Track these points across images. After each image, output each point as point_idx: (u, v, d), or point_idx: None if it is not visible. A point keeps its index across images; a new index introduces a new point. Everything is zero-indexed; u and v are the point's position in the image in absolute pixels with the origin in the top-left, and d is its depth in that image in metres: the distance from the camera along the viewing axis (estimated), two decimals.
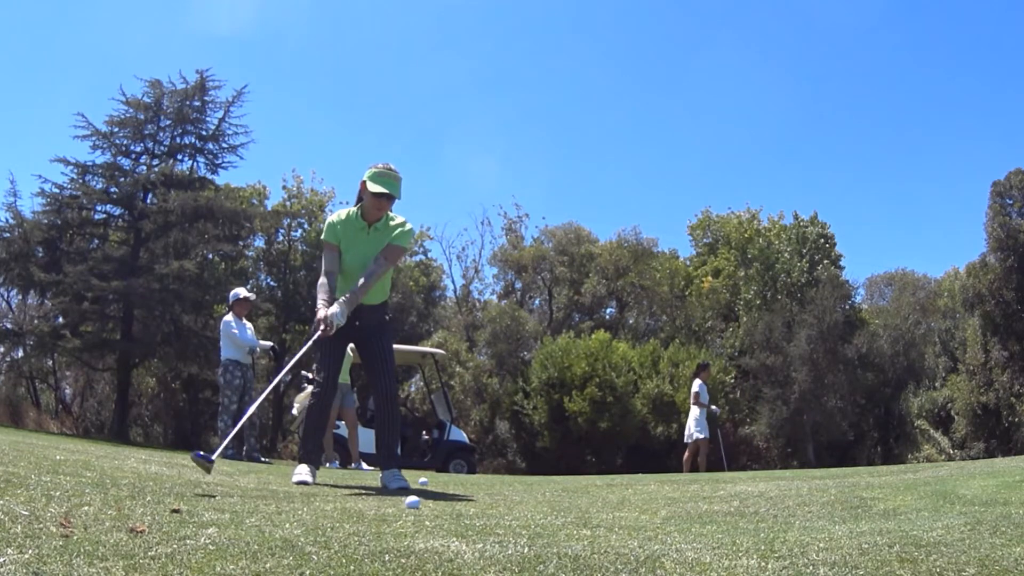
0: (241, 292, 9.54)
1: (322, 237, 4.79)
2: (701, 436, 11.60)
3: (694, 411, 11.73)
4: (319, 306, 4.49)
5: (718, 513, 3.29)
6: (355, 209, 4.72)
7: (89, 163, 18.62)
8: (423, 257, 29.35)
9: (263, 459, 9.19)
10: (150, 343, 18.28)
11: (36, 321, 20.00)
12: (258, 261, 24.71)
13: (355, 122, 54.85)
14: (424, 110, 54.67)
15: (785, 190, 54.56)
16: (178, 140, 19.73)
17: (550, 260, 28.22)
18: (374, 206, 4.61)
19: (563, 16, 56.87)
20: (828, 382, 21.60)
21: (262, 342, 9.83)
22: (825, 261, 24.26)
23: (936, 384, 25.33)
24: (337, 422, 11.99)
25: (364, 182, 4.62)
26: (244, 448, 9.06)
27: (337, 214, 4.77)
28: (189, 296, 17.76)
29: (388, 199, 4.63)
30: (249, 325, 9.46)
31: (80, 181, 18.56)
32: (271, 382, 5.39)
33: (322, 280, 4.65)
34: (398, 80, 54.44)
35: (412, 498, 3.31)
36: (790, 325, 22.59)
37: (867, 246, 52.68)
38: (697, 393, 11.71)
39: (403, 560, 1.95)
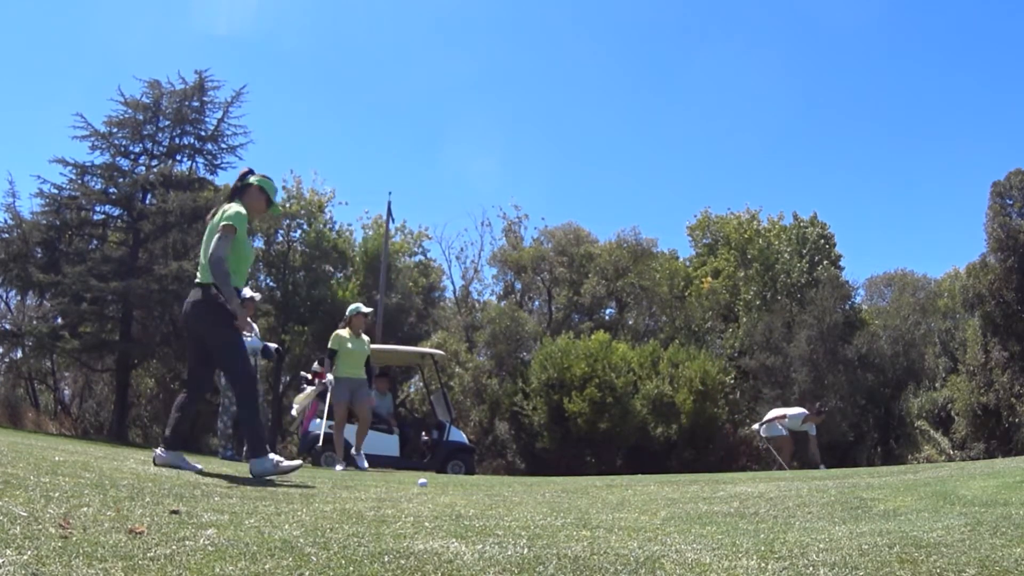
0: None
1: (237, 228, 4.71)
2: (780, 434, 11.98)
3: (777, 416, 12.19)
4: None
5: (718, 514, 3.29)
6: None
7: (88, 164, 18.64)
8: (422, 258, 29.36)
9: None
10: (149, 344, 18.29)
11: (35, 322, 19.99)
12: (257, 262, 24.70)
13: (355, 122, 54.92)
14: (424, 110, 54.74)
15: (785, 190, 54.64)
16: (177, 140, 19.75)
17: (549, 261, 28.21)
18: (260, 208, 5.02)
19: (563, 16, 56.95)
20: (828, 383, 21.60)
21: (267, 344, 9.81)
22: (825, 262, 24.27)
23: (936, 385, 25.30)
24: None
25: (256, 185, 4.92)
26: (244, 450, 9.05)
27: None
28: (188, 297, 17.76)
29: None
30: (254, 326, 9.45)
31: (79, 182, 18.57)
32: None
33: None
34: (398, 80, 54.51)
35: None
36: (790, 326, 22.60)
37: (867, 246, 52.75)
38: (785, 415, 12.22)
39: (402, 561, 1.95)
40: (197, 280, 4.77)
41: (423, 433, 12.77)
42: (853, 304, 25.06)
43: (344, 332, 8.86)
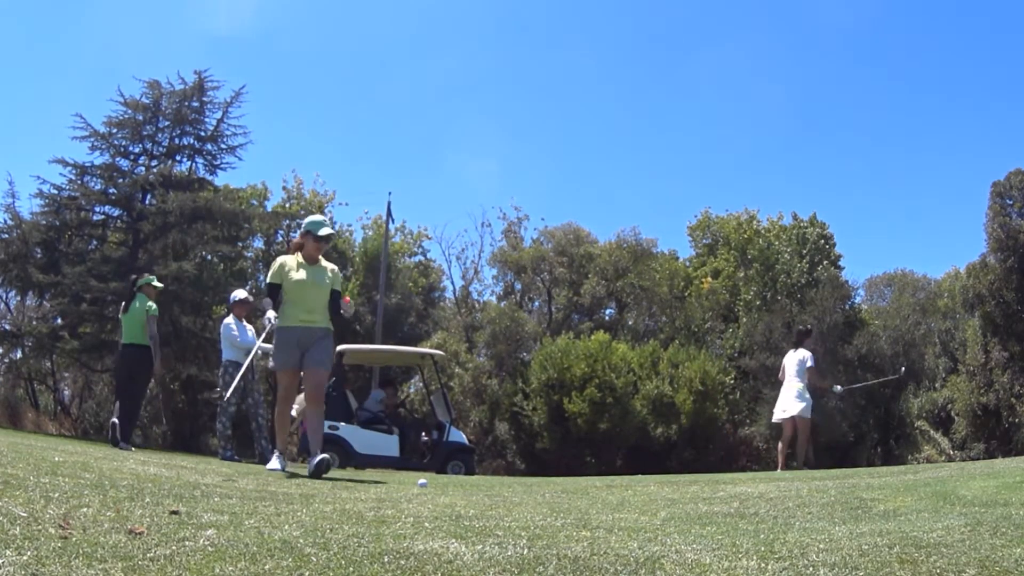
0: (240, 294, 9.58)
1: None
2: (798, 415, 9.47)
3: (795, 384, 9.60)
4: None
5: (718, 514, 3.29)
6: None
7: (88, 164, 18.64)
8: (422, 258, 29.36)
9: None
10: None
11: (35, 322, 19.99)
12: (257, 262, 24.71)
13: (354, 123, 54.93)
14: (424, 111, 54.74)
15: (784, 191, 54.66)
16: (177, 141, 19.74)
17: (549, 261, 28.20)
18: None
19: (563, 16, 56.95)
20: (828, 383, 21.60)
21: (263, 344, 9.81)
22: (825, 262, 24.28)
23: (936, 385, 25.31)
24: (336, 423, 11.98)
25: (147, 283, 7.73)
26: (256, 451, 9.06)
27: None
28: (188, 297, 17.77)
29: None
30: (250, 327, 9.47)
31: (79, 182, 18.57)
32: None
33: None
34: (398, 81, 54.50)
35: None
36: (790, 326, 22.56)
37: (867, 246, 52.72)
38: (809, 367, 9.55)
39: (402, 562, 1.95)
40: (136, 342, 8.73)
41: (423, 433, 12.77)
42: (853, 304, 25.05)
43: (289, 259, 5.70)
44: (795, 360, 9.75)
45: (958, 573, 1.91)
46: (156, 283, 9.17)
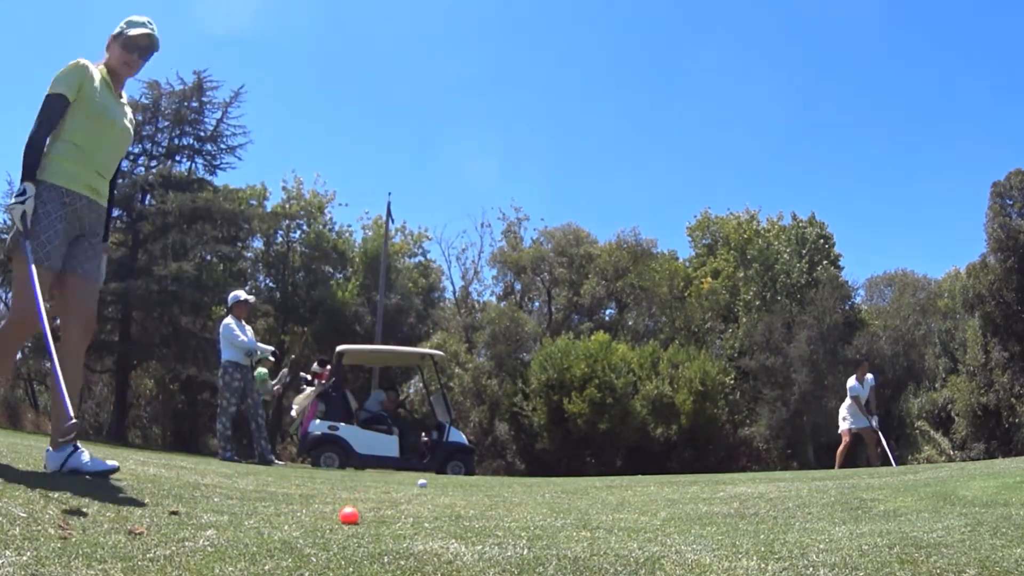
0: (240, 294, 9.55)
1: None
2: (844, 428, 11.77)
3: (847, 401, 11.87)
4: None
5: (718, 515, 3.28)
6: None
7: None
8: (422, 258, 29.36)
9: (279, 461, 9.22)
10: (148, 345, 18.30)
11: None
12: (256, 262, 24.71)
13: (354, 123, 54.94)
14: (423, 111, 54.74)
15: (784, 191, 54.59)
16: (176, 141, 19.78)
17: (549, 261, 28.22)
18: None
19: (562, 16, 56.92)
20: (828, 383, 21.60)
21: (263, 346, 9.79)
22: (824, 262, 24.28)
23: (936, 385, 25.29)
24: (336, 423, 11.98)
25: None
26: (256, 451, 9.06)
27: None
28: (187, 298, 17.78)
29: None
30: (249, 328, 9.46)
31: None
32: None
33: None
34: (397, 80, 54.50)
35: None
36: (790, 326, 22.59)
37: (867, 246, 52.63)
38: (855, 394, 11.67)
39: (402, 562, 1.94)
40: None
41: (423, 434, 12.76)
42: (853, 304, 25.06)
43: (93, 67, 3.61)
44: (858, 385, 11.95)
45: (958, 573, 1.91)
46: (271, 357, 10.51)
